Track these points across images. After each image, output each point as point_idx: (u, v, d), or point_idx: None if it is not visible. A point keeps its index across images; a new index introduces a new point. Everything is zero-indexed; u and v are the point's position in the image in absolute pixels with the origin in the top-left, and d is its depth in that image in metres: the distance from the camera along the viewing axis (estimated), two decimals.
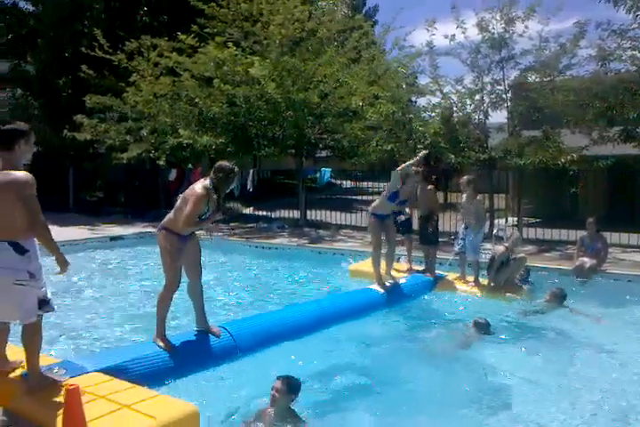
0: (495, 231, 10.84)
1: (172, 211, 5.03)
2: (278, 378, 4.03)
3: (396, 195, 7.58)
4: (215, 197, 4.93)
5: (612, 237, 10.76)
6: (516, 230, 8.86)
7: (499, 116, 13.86)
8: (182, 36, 15.16)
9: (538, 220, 15.90)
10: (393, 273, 8.07)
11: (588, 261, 8.76)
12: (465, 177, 8.19)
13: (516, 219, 14.00)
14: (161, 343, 4.93)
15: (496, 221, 13.80)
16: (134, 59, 15.86)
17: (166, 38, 15.63)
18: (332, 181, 26.17)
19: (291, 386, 4.00)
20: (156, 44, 15.66)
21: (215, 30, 15.11)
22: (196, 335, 5.24)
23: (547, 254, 11.02)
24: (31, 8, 20.98)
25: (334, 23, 15.01)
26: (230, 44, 14.55)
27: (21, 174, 3.79)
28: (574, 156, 11.83)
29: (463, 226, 8.12)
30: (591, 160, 12.76)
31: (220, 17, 15.04)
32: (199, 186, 4.87)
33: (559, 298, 7.20)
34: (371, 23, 16.58)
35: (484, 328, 6.07)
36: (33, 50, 19.94)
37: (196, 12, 15.30)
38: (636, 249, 11.26)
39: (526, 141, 12.45)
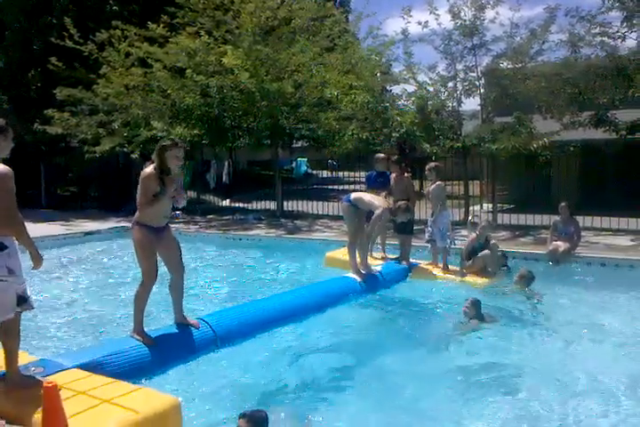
0: (470, 218, 10.97)
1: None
2: (240, 417, 3.52)
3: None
4: (170, 176, 4.91)
5: (584, 220, 10.99)
6: (487, 217, 8.99)
7: (472, 104, 13.99)
8: (153, 26, 14.95)
9: (512, 205, 16.11)
10: (368, 261, 8.11)
11: (561, 245, 8.91)
12: (429, 164, 8.37)
13: (490, 205, 14.16)
14: (139, 337, 4.91)
15: (471, 208, 13.95)
16: (105, 50, 15.61)
17: (137, 28, 15.39)
18: (309, 171, 26.18)
19: (256, 423, 3.51)
20: (126, 35, 15.41)
21: (186, 20, 14.93)
22: (175, 329, 5.23)
23: (521, 239, 11.19)
24: None
25: (306, 11, 14.91)
26: (203, 33, 14.39)
27: (0, 167, 3.74)
28: (546, 141, 11.99)
29: (431, 213, 8.29)
30: (562, 145, 12.95)
31: (190, 6, 14.85)
32: (147, 168, 4.92)
33: (527, 279, 7.33)
34: (342, 11, 16.47)
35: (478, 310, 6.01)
36: (0, 42, 19.49)
37: (167, 1, 15.08)
38: (608, 232, 11.48)
39: (499, 128, 12.57)
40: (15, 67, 18.99)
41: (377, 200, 7.44)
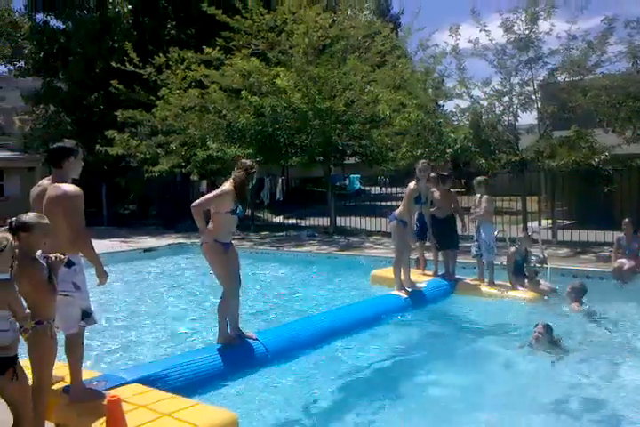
0: (530, 234, 10.70)
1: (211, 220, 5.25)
2: None
3: (420, 199, 7.68)
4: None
5: None
6: (527, 232, 8.87)
7: (528, 118, 13.69)
8: (208, 50, 15.38)
9: (572, 221, 15.61)
10: (412, 278, 8.02)
11: (626, 263, 8.56)
12: (477, 178, 8.28)
13: (550, 221, 13.77)
14: (229, 342, 5.21)
15: (529, 224, 13.60)
16: (163, 72, 16.14)
17: (193, 51, 15.87)
18: (362, 187, 26.17)
19: None
20: (183, 57, 15.91)
21: (240, 42, 15.29)
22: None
23: (582, 256, 10.81)
24: (61, 26, 21.55)
25: (357, 29, 15.03)
26: (254, 58, 14.70)
27: (70, 188, 3.95)
28: (607, 155, 11.61)
29: (476, 227, 8.21)
30: (626, 159, 12.50)
31: (245, 29, 15.21)
32: (227, 183, 5.23)
33: (578, 291, 7.09)
34: (391, 27, 16.48)
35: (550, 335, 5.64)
36: (64, 67, 20.43)
37: (222, 25, 15.51)
38: None
39: (558, 142, 12.26)
40: (78, 90, 19.85)
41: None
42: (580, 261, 10.29)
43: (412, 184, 7.55)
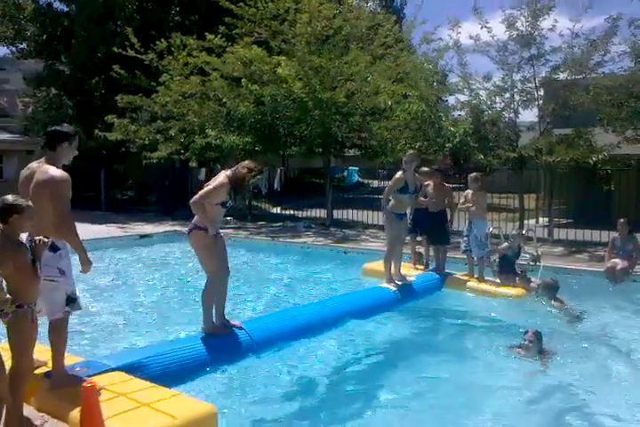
0: (525, 231, 10.69)
1: None
2: None
3: (406, 189, 7.51)
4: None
5: None
6: (520, 229, 8.92)
7: (529, 115, 13.63)
8: (210, 36, 15.29)
9: (570, 220, 15.59)
10: (403, 271, 8.03)
11: (619, 263, 8.55)
12: (472, 174, 8.31)
13: (547, 219, 13.75)
14: (214, 331, 5.21)
15: (526, 222, 13.58)
16: (164, 58, 16.06)
17: (195, 37, 15.78)
18: (360, 180, 26.12)
19: None
20: (185, 44, 15.83)
21: (243, 30, 15.19)
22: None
23: (577, 255, 10.80)
24: (65, 8, 21.41)
25: (361, 20, 14.93)
26: (255, 46, 14.61)
27: (57, 173, 3.92)
28: (606, 154, 11.58)
29: (467, 223, 8.28)
30: (624, 159, 12.46)
31: (249, 16, 15.11)
32: (222, 175, 5.18)
33: (552, 289, 7.15)
34: (395, 18, 16.35)
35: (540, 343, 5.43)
36: (67, 50, 20.32)
37: (226, 12, 15.41)
38: None
39: (557, 140, 12.21)
40: (80, 74, 19.75)
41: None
42: (574, 260, 10.28)
43: (398, 173, 7.52)
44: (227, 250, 5.42)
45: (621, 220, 8.85)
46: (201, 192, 5.11)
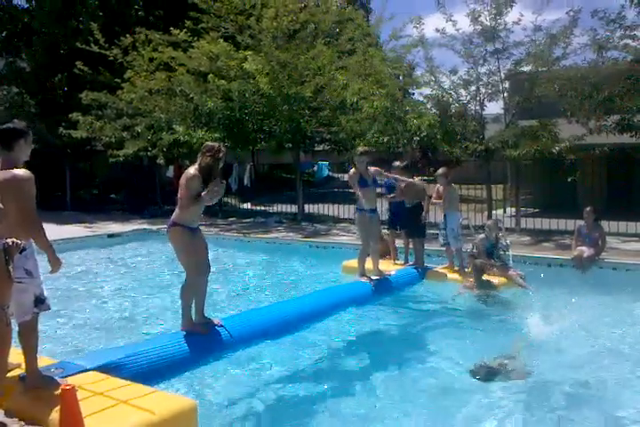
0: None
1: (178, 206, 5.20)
2: None
3: (364, 181, 7.51)
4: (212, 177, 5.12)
5: (609, 226, 10.79)
6: (493, 218, 9.09)
7: (495, 107, 13.85)
8: (176, 31, 15.11)
9: (536, 210, 15.91)
10: (382, 267, 8.08)
11: (585, 251, 8.74)
12: (440, 170, 8.50)
13: (514, 209, 13.98)
14: (192, 330, 5.18)
15: (494, 212, 13.80)
16: (129, 54, 15.81)
17: (161, 33, 15.57)
18: (331, 174, 26.14)
19: None
20: (150, 39, 15.60)
21: (209, 25, 15.05)
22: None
23: (544, 244, 11.02)
24: (25, 4, 20.89)
25: (328, 15, 14.91)
26: (221, 41, 14.49)
27: (21, 172, 3.81)
28: (568, 143, 11.83)
29: (443, 216, 8.41)
30: (588, 149, 12.73)
31: (214, 11, 14.97)
32: (192, 168, 5.15)
33: (479, 271, 7.50)
34: (363, 13, 16.40)
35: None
36: (28, 47, 19.84)
37: (191, 6, 15.23)
38: (634, 238, 11.25)
39: (521, 132, 12.42)
40: (42, 71, 19.30)
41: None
42: (541, 248, 10.48)
43: (351, 171, 7.60)
44: (207, 248, 5.38)
45: (587, 208, 9.04)
46: (182, 197, 5.07)
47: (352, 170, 7.58)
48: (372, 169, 7.62)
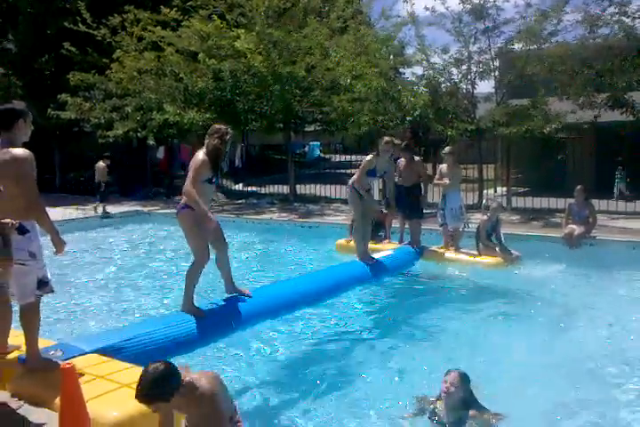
0: (484, 202, 10.94)
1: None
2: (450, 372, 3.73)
3: (374, 171, 7.52)
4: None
5: (600, 204, 10.88)
6: (497, 199, 9.11)
7: (486, 86, 13.83)
8: (165, 10, 14.89)
9: (527, 189, 15.99)
10: (379, 246, 8.12)
11: (576, 229, 8.84)
12: (447, 148, 8.48)
13: (505, 189, 14.06)
14: (192, 312, 5.17)
15: (485, 192, 13.87)
16: (118, 34, 15.58)
17: (150, 11, 15.34)
18: (322, 155, 26.12)
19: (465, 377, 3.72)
20: (139, 18, 15.37)
21: (199, 2, 14.84)
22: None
23: (535, 223, 11.12)
24: None
25: None
26: (215, 17, 14.31)
27: (19, 151, 3.80)
28: (559, 123, 11.85)
29: (441, 196, 8.43)
30: (578, 127, 12.77)
31: None
32: (201, 153, 5.12)
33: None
34: None
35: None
36: (14, 28, 19.49)
37: None
38: (623, 215, 11.37)
39: (513, 110, 12.42)
40: (29, 52, 18.99)
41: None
42: (532, 227, 10.58)
43: (369, 156, 7.50)
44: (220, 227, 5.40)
45: (578, 187, 9.12)
46: (188, 179, 5.05)
47: (371, 157, 7.43)
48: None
